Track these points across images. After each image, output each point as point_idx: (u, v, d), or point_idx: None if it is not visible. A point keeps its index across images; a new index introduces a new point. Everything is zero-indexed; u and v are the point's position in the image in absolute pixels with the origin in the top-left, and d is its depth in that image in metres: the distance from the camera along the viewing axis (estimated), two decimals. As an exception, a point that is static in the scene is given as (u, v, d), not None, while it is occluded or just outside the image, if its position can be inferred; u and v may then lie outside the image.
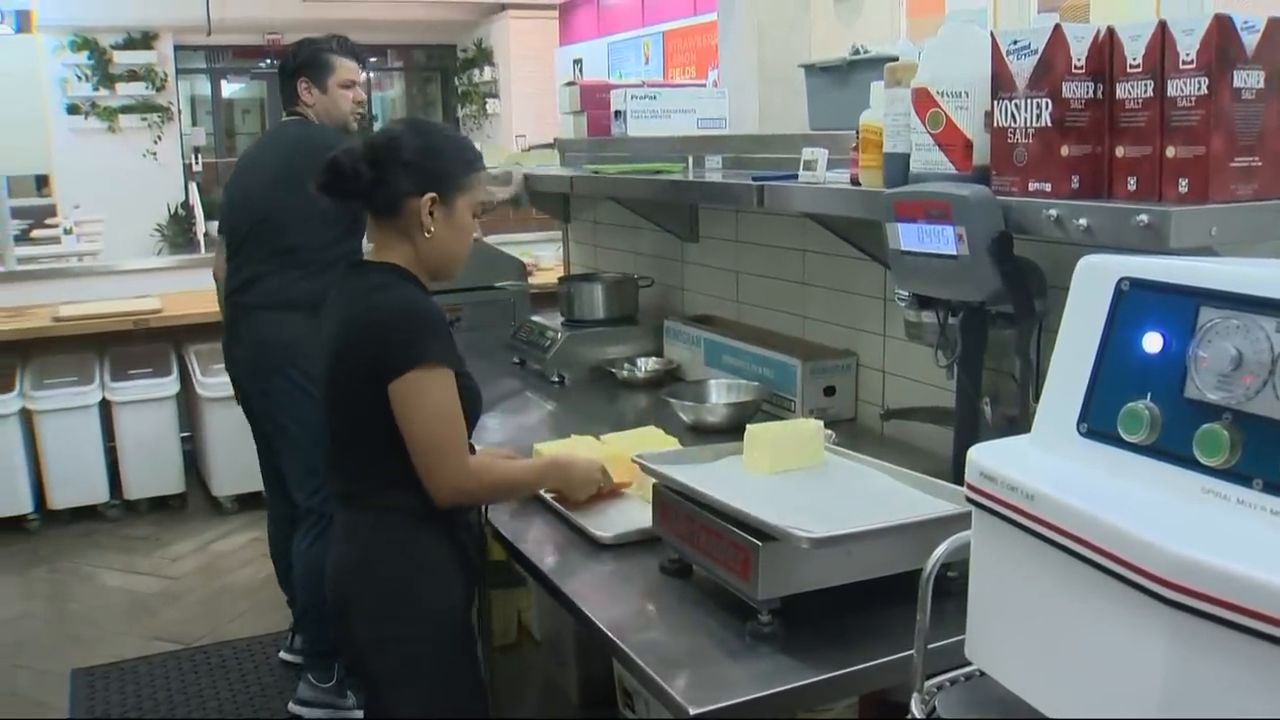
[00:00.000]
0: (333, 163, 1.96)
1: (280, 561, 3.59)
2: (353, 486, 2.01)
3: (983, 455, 1.06)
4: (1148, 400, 0.96)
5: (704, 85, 5.63)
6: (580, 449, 2.25)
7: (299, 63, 3.32)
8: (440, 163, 1.98)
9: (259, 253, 3.23)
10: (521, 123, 11.30)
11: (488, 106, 12.87)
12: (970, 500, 1.07)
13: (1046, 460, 1.03)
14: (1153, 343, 0.97)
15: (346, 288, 2.02)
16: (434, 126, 2.12)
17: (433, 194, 1.95)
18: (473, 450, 2.04)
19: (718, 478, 1.76)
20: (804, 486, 1.79)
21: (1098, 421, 1.00)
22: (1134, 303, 1.00)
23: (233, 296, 3.31)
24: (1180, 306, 0.95)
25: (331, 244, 3.14)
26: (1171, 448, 0.94)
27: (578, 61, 11.47)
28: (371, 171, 1.94)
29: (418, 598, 1.95)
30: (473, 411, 2.00)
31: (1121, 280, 1.01)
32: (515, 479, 2.09)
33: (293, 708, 3.29)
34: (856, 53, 2.66)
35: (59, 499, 5.01)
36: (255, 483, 5.17)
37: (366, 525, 1.99)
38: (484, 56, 12.94)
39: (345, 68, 3.34)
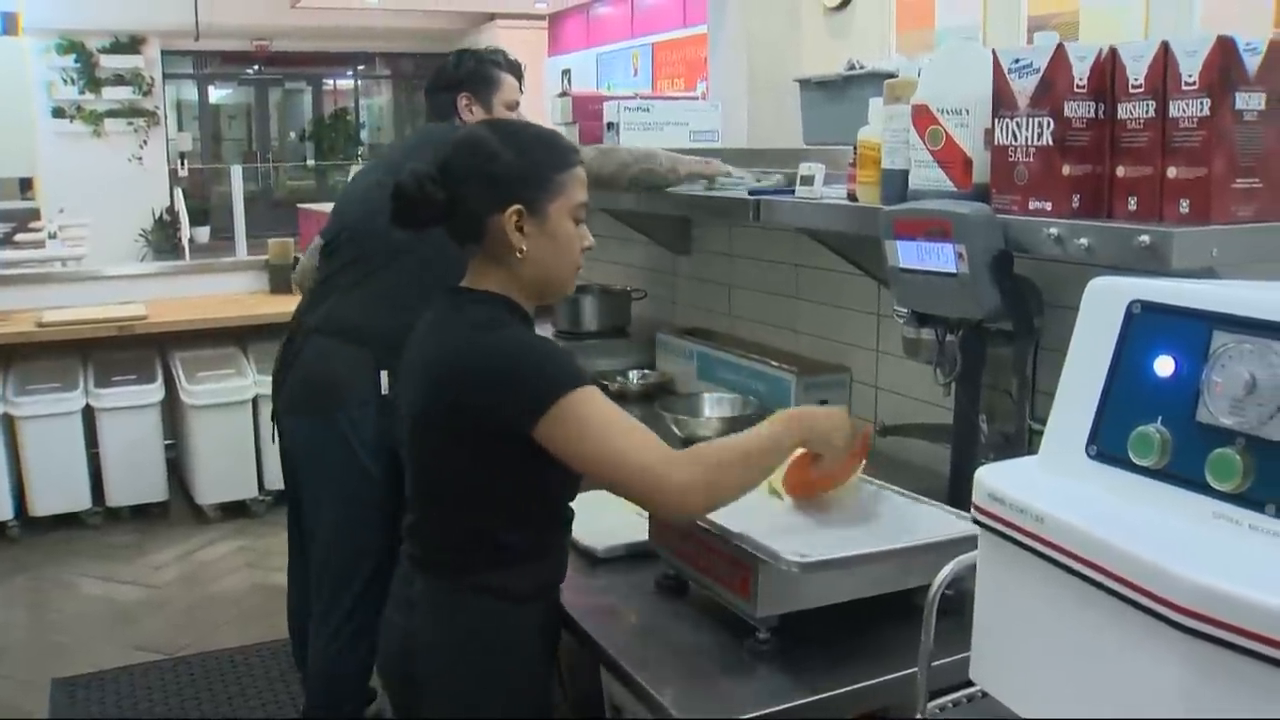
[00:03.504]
0: (398, 189, 1.66)
1: (298, 635, 2.98)
2: (438, 556, 1.72)
3: (990, 476, 1.05)
4: (1158, 424, 0.95)
5: (694, 97, 5.63)
6: None
7: (462, 75, 2.93)
8: (521, 165, 1.67)
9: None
10: (509, 132, 11.29)
11: (475, 115, 12.86)
12: (977, 522, 1.06)
13: (1055, 483, 1.02)
14: (1164, 366, 0.96)
15: (439, 322, 1.71)
16: (511, 125, 1.84)
17: (518, 206, 1.65)
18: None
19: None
20: (802, 503, 1.78)
21: (1107, 444, 1.00)
22: (1145, 325, 0.99)
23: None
24: (1193, 330, 0.94)
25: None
26: (1182, 472, 0.94)
27: (566, 72, 11.49)
28: (443, 192, 1.65)
29: (508, 681, 1.71)
30: None
31: (1133, 303, 1.00)
32: (747, 447, 1.63)
33: None
34: (852, 68, 2.66)
35: (40, 506, 4.96)
36: (239, 491, 5.17)
37: (453, 604, 1.70)
38: (472, 65, 12.94)
39: (510, 86, 2.99)
